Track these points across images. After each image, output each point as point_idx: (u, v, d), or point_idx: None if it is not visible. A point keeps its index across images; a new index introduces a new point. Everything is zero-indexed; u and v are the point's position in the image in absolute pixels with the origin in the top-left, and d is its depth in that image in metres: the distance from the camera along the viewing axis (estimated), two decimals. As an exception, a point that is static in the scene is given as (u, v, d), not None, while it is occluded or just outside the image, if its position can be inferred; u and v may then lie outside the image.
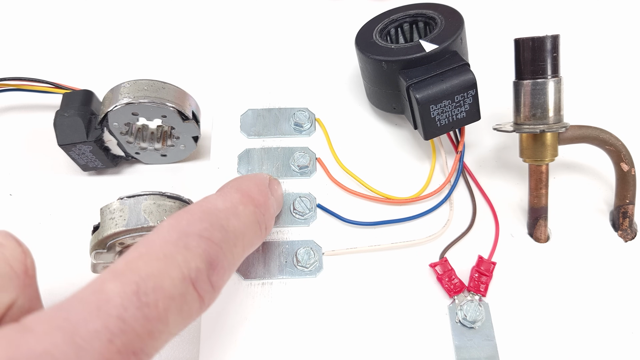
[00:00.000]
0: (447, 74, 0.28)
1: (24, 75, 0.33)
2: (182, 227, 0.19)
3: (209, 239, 0.19)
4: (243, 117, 0.33)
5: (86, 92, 0.31)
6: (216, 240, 0.19)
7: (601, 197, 0.31)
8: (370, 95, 0.33)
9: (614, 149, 0.28)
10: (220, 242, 0.20)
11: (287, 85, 0.35)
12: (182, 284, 0.18)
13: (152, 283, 0.17)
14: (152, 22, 0.40)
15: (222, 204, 0.21)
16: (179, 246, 0.18)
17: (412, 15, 0.32)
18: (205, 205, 0.21)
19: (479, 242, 0.29)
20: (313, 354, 0.25)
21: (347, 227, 0.29)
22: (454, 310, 0.27)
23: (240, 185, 0.23)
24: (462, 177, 0.31)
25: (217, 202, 0.21)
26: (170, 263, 0.18)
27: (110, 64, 0.37)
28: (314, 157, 0.31)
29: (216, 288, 0.19)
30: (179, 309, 0.17)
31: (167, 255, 0.18)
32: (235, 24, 0.39)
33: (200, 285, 0.18)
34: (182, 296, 0.18)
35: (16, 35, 0.39)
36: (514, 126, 0.28)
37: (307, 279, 0.27)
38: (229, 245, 0.20)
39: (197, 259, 0.18)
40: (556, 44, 0.27)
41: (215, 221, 0.20)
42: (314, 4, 0.40)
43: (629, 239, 0.29)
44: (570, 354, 0.26)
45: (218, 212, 0.21)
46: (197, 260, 0.18)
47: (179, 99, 0.29)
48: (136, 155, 0.32)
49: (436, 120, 0.28)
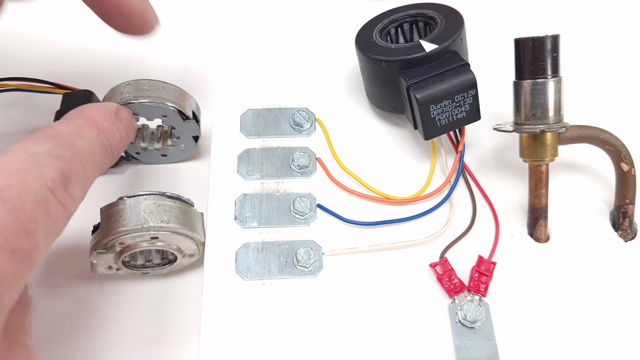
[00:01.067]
0: (447, 74, 0.28)
1: (24, 75, 0.33)
2: (29, 147, 0.20)
3: (59, 155, 0.20)
4: (243, 117, 0.33)
5: (86, 92, 0.31)
6: (65, 157, 0.20)
7: (601, 197, 0.31)
8: (370, 95, 0.33)
9: (614, 149, 0.28)
10: (70, 158, 0.20)
11: (287, 85, 0.35)
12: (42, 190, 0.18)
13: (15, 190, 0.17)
14: (152, 22, 0.40)
15: (65, 128, 0.22)
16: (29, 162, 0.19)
17: (412, 15, 0.32)
18: (49, 130, 0.21)
19: (479, 242, 0.29)
20: (313, 354, 0.25)
21: (347, 227, 0.29)
22: (454, 310, 0.27)
23: (84, 112, 0.24)
24: (462, 177, 0.31)
25: (61, 127, 0.22)
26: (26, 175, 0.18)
27: (110, 64, 0.37)
28: (314, 157, 0.31)
29: (75, 198, 0.20)
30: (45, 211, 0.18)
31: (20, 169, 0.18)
32: (235, 24, 0.39)
33: (58, 193, 0.19)
34: (46, 200, 0.18)
35: (16, 35, 0.39)
36: (514, 126, 0.28)
37: (307, 279, 0.27)
38: (80, 161, 0.21)
39: (50, 172, 0.19)
40: (556, 44, 0.27)
41: (61, 141, 0.21)
42: (314, 4, 0.40)
43: (629, 239, 0.29)
44: (570, 354, 0.26)
45: (63, 134, 0.21)
46: (51, 172, 0.19)
47: (179, 98, 0.29)
48: (136, 155, 0.32)
49: (436, 120, 0.28)
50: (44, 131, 0.21)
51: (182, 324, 0.27)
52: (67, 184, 0.20)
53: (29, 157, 0.19)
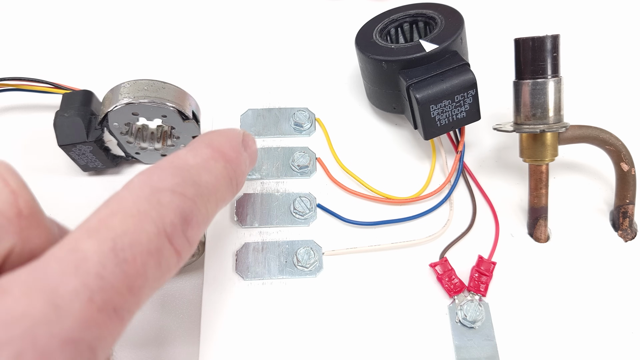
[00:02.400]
0: (447, 73, 0.28)
1: (24, 75, 0.33)
2: (154, 183, 0.19)
3: (182, 194, 0.19)
4: (243, 117, 0.33)
5: (86, 92, 0.31)
6: (189, 195, 0.19)
7: (601, 197, 0.31)
8: (370, 95, 0.33)
9: (614, 149, 0.28)
10: (193, 197, 0.19)
11: (287, 85, 0.35)
12: (158, 238, 0.17)
13: (129, 239, 0.16)
14: (151, 22, 0.40)
15: (192, 159, 0.21)
16: (152, 202, 0.18)
17: (412, 15, 0.32)
18: (176, 160, 0.20)
19: (479, 242, 0.29)
20: (313, 354, 0.25)
21: (347, 227, 0.29)
22: (454, 310, 0.27)
23: (212, 140, 0.22)
24: (462, 177, 0.31)
25: (188, 158, 0.21)
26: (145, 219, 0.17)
27: (110, 64, 0.37)
28: (314, 157, 0.31)
29: (192, 243, 0.19)
30: (157, 263, 0.17)
31: (140, 211, 0.17)
32: (235, 24, 0.39)
33: (176, 240, 0.18)
34: (159, 251, 0.17)
35: (16, 35, 0.39)
36: (514, 126, 0.28)
37: (307, 279, 0.27)
38: (202, 200, 0.20)
39: (171, 214, 0.18)
40: (556, 43, 0.27)
41: (187, 177, 0.19)
42: (314, 4, 0.40)
43: (629, 239, 0.29)
44: (570, 354, 0.26)
45: (189, 167, 0.20)
46: (172, 215, 0.18)
47: (179, 98, 0.29)
48: (136, 156, 0.32)
49: (436, 120, 0.28)
50: (170, 162, 0.20)
51: (182, 324, 0.27)
52: (186, 227, 0.18)
53: (151, 195, 0.18)
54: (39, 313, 0.14)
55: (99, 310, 0.15)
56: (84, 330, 0.14)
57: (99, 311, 0.15)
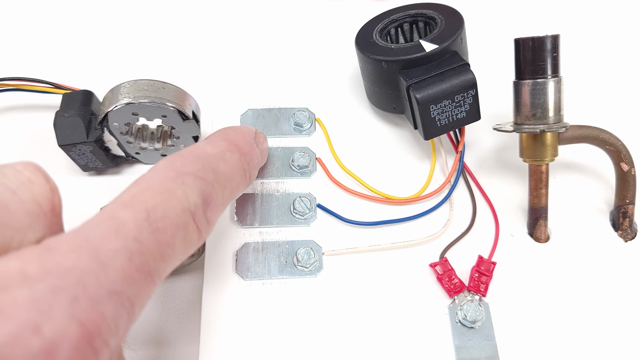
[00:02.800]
0: (447, 73, 0.28)
1: (24, 75, 0.33)
2: (178, 167, 0.20)
3: (203, 178, 0.21)
4: (243, 117, 0.33)
5: (86, 92, 0.31)
6: (209, 180, 0.21)
7: (601, 197, 0.31)
8: (370, 95, 0.33)
9: (614, 149, 0.28)
10: (212, 182, 0.21)
11: (287, 85, 0.35)
12: (184, 214, 0.19)
13: (160, 212, 0.18)
14: (151, 22, 0.40)
15: (211, 149, 0.23)
16: (177, 182, 0.20)
17: (412, 15, 0.32)
18: (196, 150, 0.22)
19: (479, 242, 0.29)
20: (313, 354, 0.25)
21: (347, 227, 0.29)
22: (454, 310, 0.27)
23: (227, 134, 0.25)
24: (462, 177, 0.31)
25: (207, 148, 0.23)
26: (172, 196, 0.19)
27: (110, 64, 0.37)
28: (314, 157, 0.31)
29: (211, 223, 0.21)
30: (183, 237, 0.19)
31: (168, 189, 0.19)
32: (235, 24, 0.39)
33: (198, 218, 0.20)
34: (185, 226, 0.19)
35: (16, 35, 0.39)
36: (514, 126, 0.28)
37: (307, 279, 0.27)
38: (220, 185, 0.21)
39: (194, 194, 0.20)
40: (556, 44, 0.27)
41: (206, 164, 0.21)
42: (314, 4, 0.40)
43: (629, 239, 0.29)
44: (570, 354, 0.26)
45: (208, 156, 0.22)
46: (195, 195, 0.20)
47: (179, 98, 0.29)
48: (136, 156, 0.32)
49: (436, 120, 0.28)
50: (190, 151, 0.22)
51: (182, 324, 0.27)
52: (207, 208, 0.20)
53: (177, 176, 0.20)
54: (86, 267, 0.15)
55: (137, 270, 0.16)
56: (125, 284, 0.16)
57: (137, 270, 0.16)
